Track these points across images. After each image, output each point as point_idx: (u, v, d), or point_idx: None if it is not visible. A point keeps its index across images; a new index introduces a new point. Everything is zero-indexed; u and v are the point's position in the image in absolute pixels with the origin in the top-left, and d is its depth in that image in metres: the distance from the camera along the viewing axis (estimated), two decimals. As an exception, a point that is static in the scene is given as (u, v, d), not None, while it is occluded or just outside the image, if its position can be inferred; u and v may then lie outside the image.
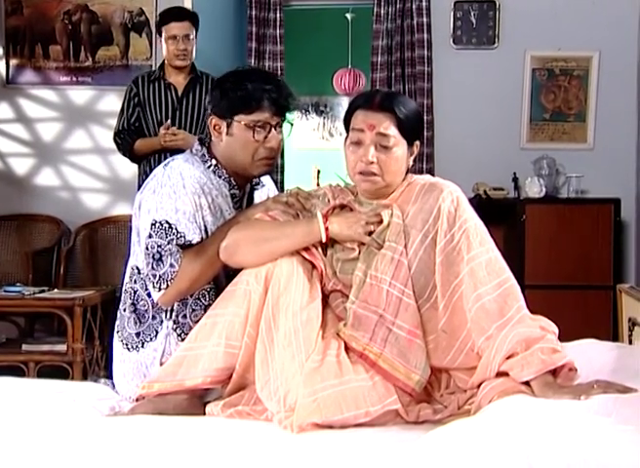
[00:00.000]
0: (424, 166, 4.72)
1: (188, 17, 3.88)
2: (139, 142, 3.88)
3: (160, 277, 2.04)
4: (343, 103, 7.45)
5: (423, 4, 4.84)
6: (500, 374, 1.79)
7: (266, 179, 2.35)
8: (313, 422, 1.76)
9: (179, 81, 3.91)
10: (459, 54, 4.97)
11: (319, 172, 6.80)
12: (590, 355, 1.99)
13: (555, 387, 1.72)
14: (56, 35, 4.97)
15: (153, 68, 4.59)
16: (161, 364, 2.07)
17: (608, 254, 4.56)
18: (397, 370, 1.83)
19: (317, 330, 1.87)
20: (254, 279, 1.90)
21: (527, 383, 1.75)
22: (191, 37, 3.84)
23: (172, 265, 2.03)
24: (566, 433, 1.36)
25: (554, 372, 1.76)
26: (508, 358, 1.77)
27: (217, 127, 2.15)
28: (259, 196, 2.30)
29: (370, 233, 1.92)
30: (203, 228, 2.09)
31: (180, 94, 3.90)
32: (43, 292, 3.96)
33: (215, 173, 2.15)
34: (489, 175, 4.81)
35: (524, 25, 4.89)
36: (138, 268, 2.15)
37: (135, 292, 2.15)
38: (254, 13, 4.91)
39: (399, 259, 1.89)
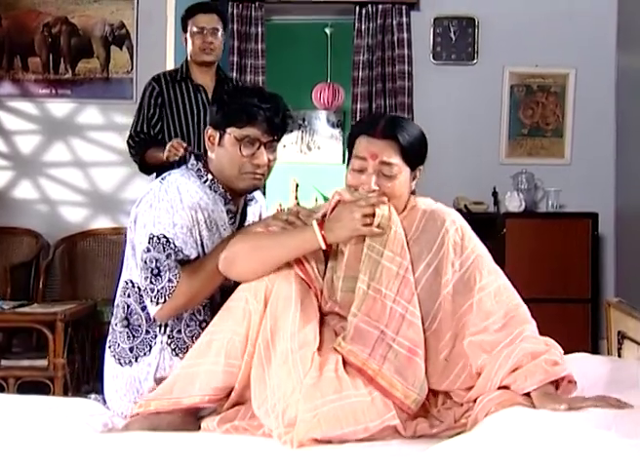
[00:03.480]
0: (405, 180, 4.73)
1: (216, 10, 3.57)
2: (149, 151, 3.46)
3: (158, 291, 2.03)
4: (322, 117, 7.48)
5: (404, 20, 4.89)
6: (497, 388, 1.80)
7: (258, 196, 2.35)
8: (313, 438, 1.75)
9: (206, 83, 3.54)
10: (438, 69, 5.03)
11: (297, 185, 6.81)
12: (584, 368, 2.01)
13: (555, 397, 1.73)
14: (35, 47, 4.94)
15: (133, 80, 4.56)
16: (155, 379, 2.06)
17: (586, 268, 4.62)
18: (395, 388, 1.82)
19: (314, 351, 1.85)
20: (253, 298, 1.89)
21: (526, 394, 1.76)
22: (219, 33, 3.51)
23: (170, 280, 2.03)
24: (574, 447, 1.37)
25: (555, 385, 1.77)
26: (513, 371, 1.77)
27: (211, 138, 2.16)
28: (251, 212, 2.30)
29: (367, 225, 1.86)
30: (199, 243, 2.09)
31: (210, 96, 3.50)
32: (22, 306, 3.90)
33: (210, 187, 2.15)
34: (469, 189, 4.86)
35: (502, 42, 4.96)
36: (132, 282, 2.13)
37: (128, 307, 2.13)
38: (235, 27, 4.93)
39: (404, 275, 1.88)
